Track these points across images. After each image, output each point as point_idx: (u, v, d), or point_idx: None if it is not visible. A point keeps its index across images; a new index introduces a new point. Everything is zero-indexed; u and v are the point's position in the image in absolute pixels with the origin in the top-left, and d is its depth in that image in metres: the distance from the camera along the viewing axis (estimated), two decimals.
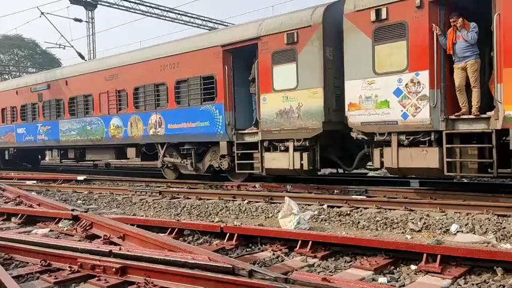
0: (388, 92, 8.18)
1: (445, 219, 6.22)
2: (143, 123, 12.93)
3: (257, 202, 8.45)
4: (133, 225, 5.68)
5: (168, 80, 12.14)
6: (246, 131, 10.79)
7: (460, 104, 7.73)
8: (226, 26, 28.46)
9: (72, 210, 6.73)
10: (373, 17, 8.25)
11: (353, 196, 8.37)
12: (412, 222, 6.16)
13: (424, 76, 7.78)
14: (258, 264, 4.35)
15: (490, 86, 7.54)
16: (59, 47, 27.08)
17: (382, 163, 8.50)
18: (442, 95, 7.74)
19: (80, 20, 29.28)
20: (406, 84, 7.98)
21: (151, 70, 12.56)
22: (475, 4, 7.62)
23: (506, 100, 6.99)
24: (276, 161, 10.01)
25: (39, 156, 21.55)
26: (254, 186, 10.36)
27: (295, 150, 9.63)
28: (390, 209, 7.14)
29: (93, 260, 3.98)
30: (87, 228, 5.91)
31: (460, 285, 3.67)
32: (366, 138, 8.68)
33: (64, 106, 15.79)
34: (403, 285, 3.72)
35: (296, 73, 9.56)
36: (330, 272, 4.12)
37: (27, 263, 4.41)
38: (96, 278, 3.82)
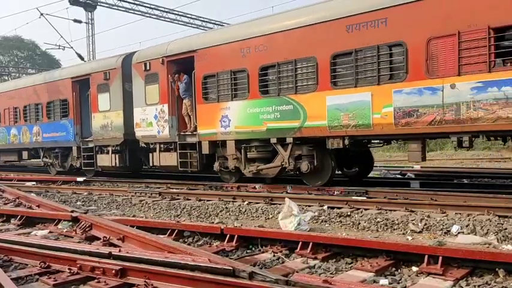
0: (152, 117, 12.50)
1: (446, 220, 6.19)
2: (29, 133, 17.54)
3: (257, 203, 8.43)
4: (133, 226, 5.65)
5: (42, 100, 16.80)
6: (87, 139, 14.96)
7: (187, 125, 12.05)
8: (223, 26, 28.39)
9: (72, 211, 6.71)
10: (143, 67, 12.61)
11: (353, 197, 8.33)
12: (413, 223, 6.13)
13: (166, 107, 12.14)
14: (258, 265, 4.32)
15: None
16: (59, 48, 27.08)
17: (153, 162, 12.78)
18: (176, 119, 12.10)
19: (79, 21, 29.29)
20: (159, 112, 12.28)
21: (33, 93, 17.28)
22: (193, 63, 11.46)
23: (199, 123, 11.39)
24: (103, 160, 14.35)
25: None
26: (254, 187, 10.35)
27: (112, 152, 13.97)
28: (391, 210, 7.12)
29: (93, 262, 3.96)
30: (87, 229, 5.89)
31: (462, 287, 3.65)
32: (146, 146, 13.10)
33: None
34: (405, 287, 3.70)
35: (109, 100, 13.91)
36: (331, 273, 4.10)
37: (27, 264, 4.38)
38: (96, 280, 3.79)
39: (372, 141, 10.45)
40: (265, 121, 10.02)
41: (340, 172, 11.72)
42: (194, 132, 11.57)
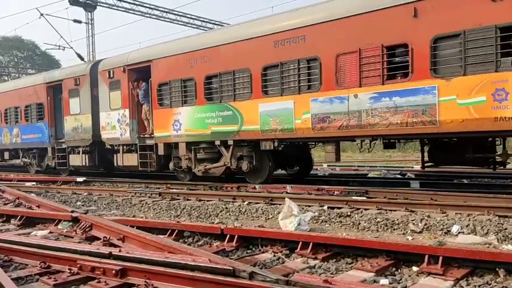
0: (115, 120, 13.61)
1: (446, 220, 6.18)
2: (10, 134, 18.74)
3: (257, 203, 8.42)
4: (133, 226, 5.64)
5: (21, 104, 17.91)
6: (61, 140, 16.03)
7: (146, 128, 13.13)
8: (223, 26, 28.39)
9: (72, 211, 6.71)
10: (107, 75, 13.71)
11: (353, 197, 8.33)
12: (413, 223, 6.13)
13: (127, 112, 13.24)
14: (258, 265, 4.32)
15: None
16: (59, 49, 27.04)
17: (117, 162, 13.82)
18: (136, 123, 13.25)
19: (79, 22, 29.27)
20: (121, 116, 13.38)
21: (14, 97, 18.47)
22: (150, 71, 12.53)
23: (155, 127, 12.53)
24: (75, 160, 15.46)
25: None
26: (254, 188, 10.36)
27: (83, 153, 15.06)
28: (391, 210, 7.10)
29: (93, 262, 3.95)
30: (87, 229, 5.88)
31: (462, 287, 3.65)
32: (111, 147, 14.05)
33: None
34: (405, 287, 3.70)
35: (79, 104, 14.98)
36: (331, 273, 4.09)
37: (27, 265, 4.38)
38: (96, 280, 3.79)
39: (309, 143, 11.65)
40: (210, 125, 11.21)
41: (284, 171, 13.13)
42: (152, 135, 12.69)
